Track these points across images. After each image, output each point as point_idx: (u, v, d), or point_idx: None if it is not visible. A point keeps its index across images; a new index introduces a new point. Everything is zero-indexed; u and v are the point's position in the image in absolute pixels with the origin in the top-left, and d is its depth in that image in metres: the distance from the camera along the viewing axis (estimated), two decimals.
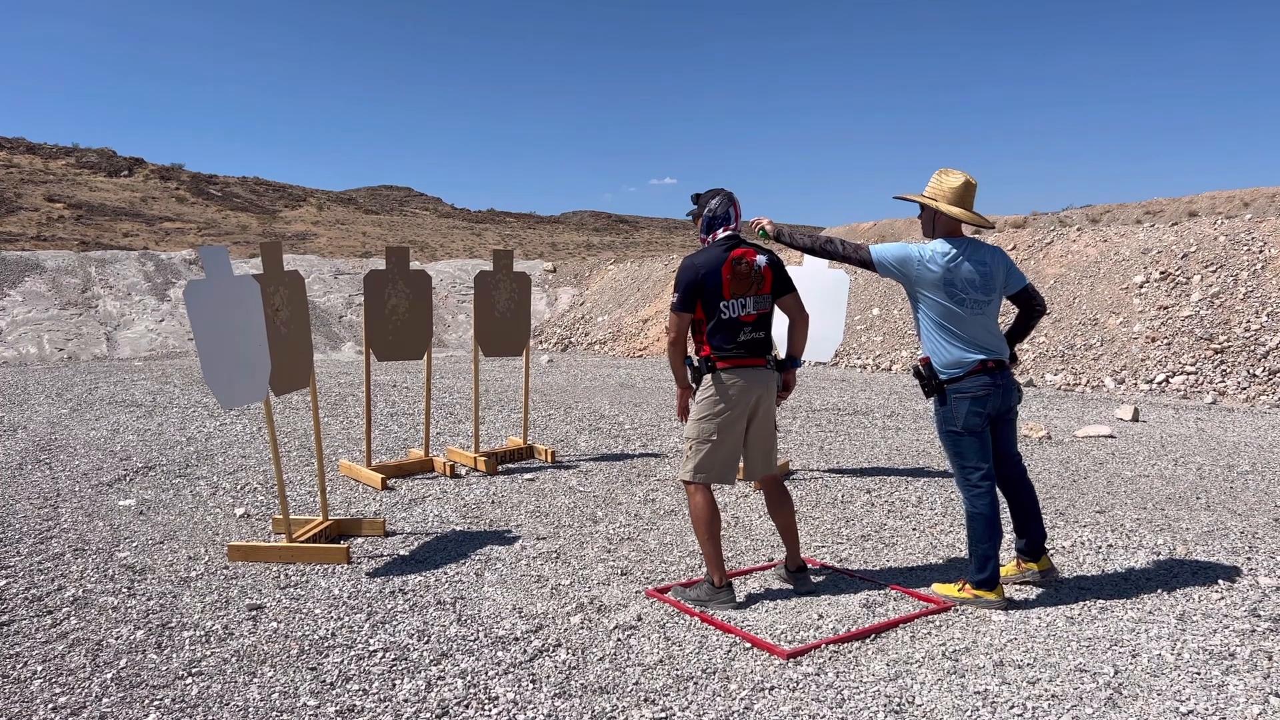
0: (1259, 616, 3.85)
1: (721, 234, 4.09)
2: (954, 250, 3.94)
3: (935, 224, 4.06)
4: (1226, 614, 3.89)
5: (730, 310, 3.97)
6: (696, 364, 4.07)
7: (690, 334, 4.08)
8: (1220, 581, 4.31)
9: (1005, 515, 4.75)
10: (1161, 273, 13.69)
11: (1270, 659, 3.43)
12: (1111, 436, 8.44)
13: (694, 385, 4.11)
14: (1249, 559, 4.68)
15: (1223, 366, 11.68)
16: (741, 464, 4.23)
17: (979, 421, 3.97)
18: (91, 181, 61.02)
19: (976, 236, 16.95)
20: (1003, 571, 4.29)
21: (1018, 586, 4.26)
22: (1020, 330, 4.23)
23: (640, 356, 18.62)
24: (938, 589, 4.12)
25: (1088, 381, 12.43)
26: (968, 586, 4.03)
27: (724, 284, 3.96)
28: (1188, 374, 11.83)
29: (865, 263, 4.10)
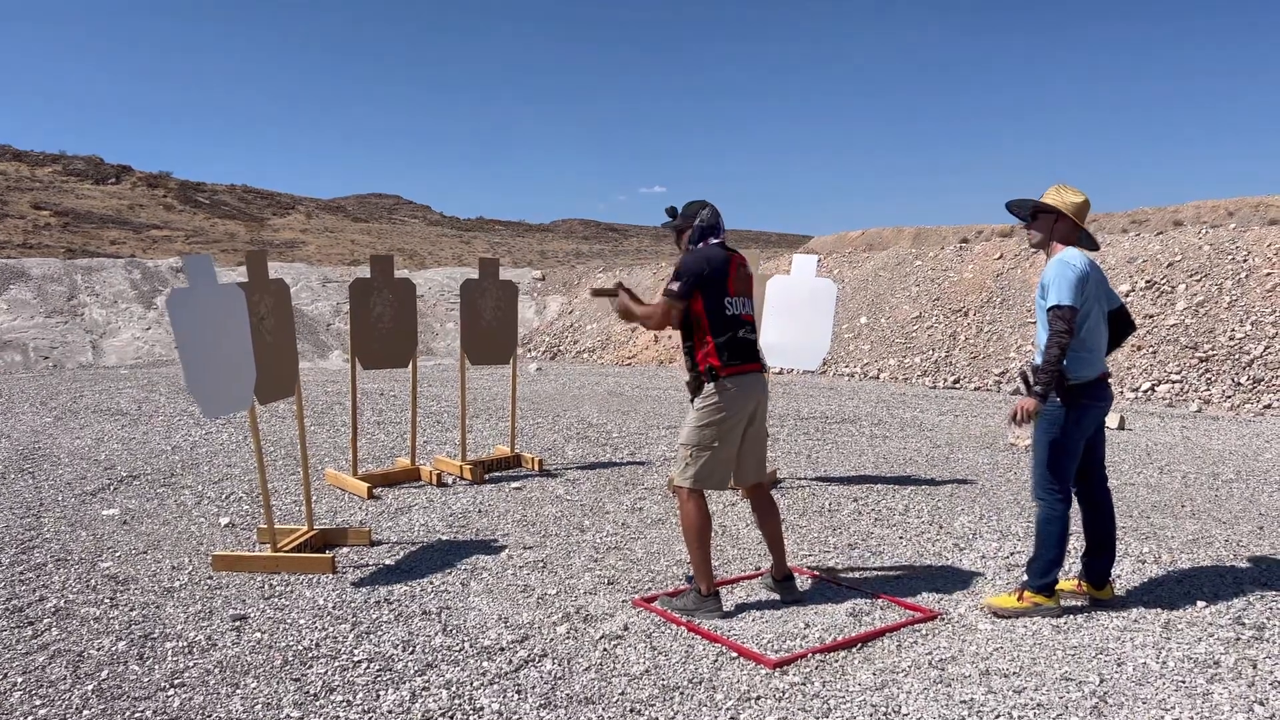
0: (1244, 624, 3.87)
1: (714, 242, 4.13)
2: (1087, 259, 4.01)
3: (1054, 233, 4.09)
4: (1211, 622, 3.91)
5: (733, 307, 4.02)
6: (698, 373, 4.03)
7: (687, 335, 4.05)
8: (1205, 589, 4.32)
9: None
10: (1147, 282, 13.77)
11: (1255, 667, 3.44)
12: None
13: (692, 395, 4.08)
14: (1233, 567, 4.70)
15: (1207, 375, 11.75)
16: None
17: (1091, 430, 4.07)
18: (78, 189, 60.77)
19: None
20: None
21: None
22: (1112, 347, 4.26)
23: (629, 365, 18.62)
24: (993, 602, 4.06)
25: None
26: (1027, 594, 4.01)
27: (730, 280, 4.03)
28: (1173, 382, 11.89)
29: (1074, 324, 3.90)
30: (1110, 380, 4.14)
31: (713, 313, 3.98)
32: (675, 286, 4.01)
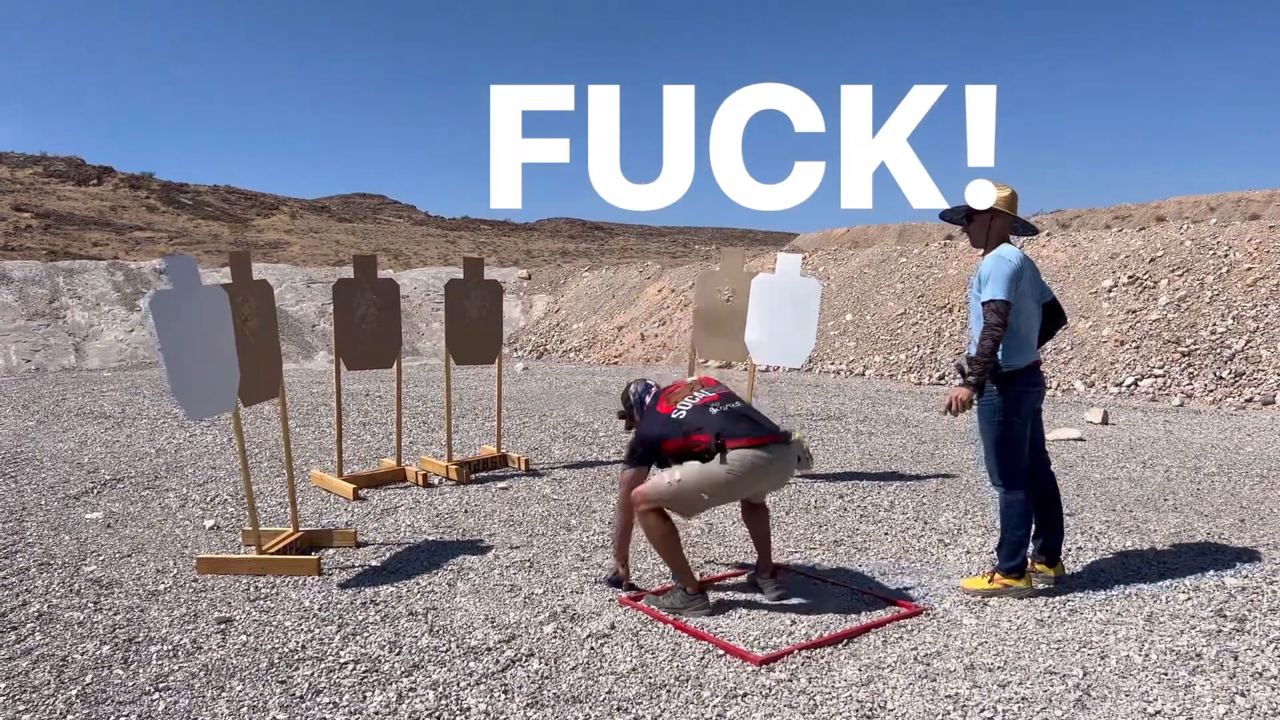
0: (1225, 617, 3.90)
1: (648, 398, 4.31)
2: (1021, 254, 4.13)
3: (990, 231, 4.22)
4: (1193, 615, 3.94)
5: (682, 409, 4.09)
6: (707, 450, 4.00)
7: (679, 459, 4.04)
8: (1187, 582, 4.36)
9: None
10: (1130, 277, 13.86)
11: (1236, 659, 3.47)
12: (1081, 439, 8.53)
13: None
14: (1215, 560, 4.74)
15: (1190, 369, 11.84)
16: None
17: (1031, 415, 4.20)
18: (59, 190, 60.27)
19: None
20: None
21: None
22: (1043, 339, 4.40)
23: (615, 364, 18.61)
24: (965, 584, 4.25)
25: (1058, 385, 12.55)
26: (998, 576, 4.16)
27: (661, 400, 4.20)
28: (1156, 377, 11.98)
29: (1008, 317, 4.00)
30: (1041, 368, 4.29)
31: (675, 430, 3.98)
32: (632, 457, 4.18)
